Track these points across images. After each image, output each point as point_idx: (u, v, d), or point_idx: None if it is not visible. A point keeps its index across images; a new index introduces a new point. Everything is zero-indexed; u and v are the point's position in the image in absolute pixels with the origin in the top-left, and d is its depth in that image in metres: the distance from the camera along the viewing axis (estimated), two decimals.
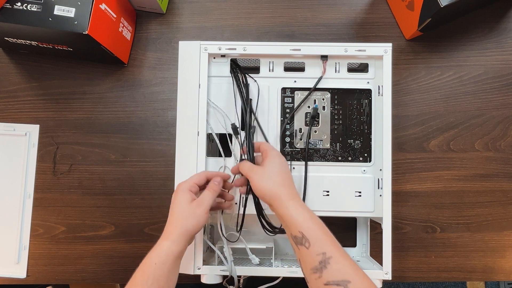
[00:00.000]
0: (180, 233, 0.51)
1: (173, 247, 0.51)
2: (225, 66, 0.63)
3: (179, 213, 0.53)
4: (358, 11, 0.76)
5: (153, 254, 0.51)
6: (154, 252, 0.51)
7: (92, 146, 0.76)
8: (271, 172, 0.54)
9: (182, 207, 0.53)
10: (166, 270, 0.50)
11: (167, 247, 0.51)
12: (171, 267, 0.50)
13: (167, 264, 0.50)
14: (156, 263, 0.50)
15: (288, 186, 0.54)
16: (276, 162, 0.55)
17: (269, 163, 0.55)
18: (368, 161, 0.63)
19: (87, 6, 0.62)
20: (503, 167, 0.74)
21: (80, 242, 0.74)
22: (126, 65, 0.76)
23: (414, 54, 0.75)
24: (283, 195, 0.52)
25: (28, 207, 0.75)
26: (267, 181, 0.53)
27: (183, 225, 0.52)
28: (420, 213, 0.73)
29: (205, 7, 0.77)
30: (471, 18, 0.75)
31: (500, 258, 0.73)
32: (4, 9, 0.62)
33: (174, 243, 0.51)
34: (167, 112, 0.76)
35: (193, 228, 0.52)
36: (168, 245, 0.51)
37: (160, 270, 0.49)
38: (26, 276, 0.74)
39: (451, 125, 0.74)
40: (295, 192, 0.54)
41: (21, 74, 0.77)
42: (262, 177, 0.54)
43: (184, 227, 0.52)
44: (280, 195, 0.52)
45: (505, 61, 0.75)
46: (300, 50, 0.61)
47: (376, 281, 0.59)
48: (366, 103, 0.63)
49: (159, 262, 0.50)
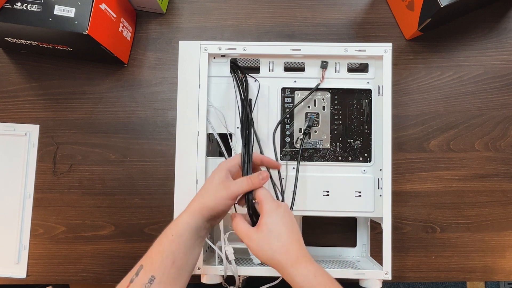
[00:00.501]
0: (196, 207, 0.50)
1: (189, 220, 0.49)
2: (225, 66, 0.63)
3: (204, 189, 0.51)
4: (358, 11, 0.76)
5: (171, 226, 0.49)
6: (172, 224, 0.50)
7: (92, 146, 0.76)
8: (269, 237, 0.48)
9: (209, 184, 0.51)
10: (182, 244, 0.48)
11: (183, 219, 0.49)
12: (188, 240, 0.49)
13: (183, 236, 0.48)
14: (173, 234, 0.48)
15: (291, 249, 0.48)
16: (274, 222, 0.49)
17: (266, 224, 0.49)
18: (368, 161, 0.63)
19: (87, 6, 0.62)
20: (503, 167, 0.74)
21: (80, 242, 0.74)
22: (126, 65, 0.76)
23: (414, 54, 0.75)
24: (285, 263, 0.47)
25: (28, 207, 0.75)
26: (265, 250, 0.48)
27: (201, 201, 0.50)
28: (420, 213, 0.73)
29: (205, 7, 0.77)
30: (471, 18, 0.75)
31: (500, 258, 0.73)
32: (4, 9, 0.62)
33: (190, 216, 0.49)
34: (167, 112, 0.76)
35: (210, 206, 0.49)
36: (184, 218, 0.49)
37: (176, 243, 0.48)
38: (26, 276, 0.74)
39: (451, 125, 0.74)
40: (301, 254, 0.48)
41: (21, 74, 0.77)
42: (259, 245, 0.48)
43: (202, 203, 0.50)
44: (282, 263, 0.47)
45: (505, 61, 0.75)
46: (300, 50, 0.61)
47: (376, 281, 0.59)
48: (366, 103, 0.63)
49: (176, 234, 0.48)
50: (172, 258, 0.48)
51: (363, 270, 0.60)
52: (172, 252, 0.48)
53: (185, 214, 0.50)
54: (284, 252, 0.48)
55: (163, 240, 0.49)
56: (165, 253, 0.48)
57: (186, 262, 0.49)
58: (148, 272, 0.47)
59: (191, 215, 0.49)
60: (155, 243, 0.49)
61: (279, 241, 0.48)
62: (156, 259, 0.48)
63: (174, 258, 0.48)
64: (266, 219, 0.49)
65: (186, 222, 0.49)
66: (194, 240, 0.50)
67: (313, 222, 0.73)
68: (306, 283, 0.46)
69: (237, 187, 0.50)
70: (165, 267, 0.47)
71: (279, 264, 0.47)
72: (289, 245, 0.48)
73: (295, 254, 0.48)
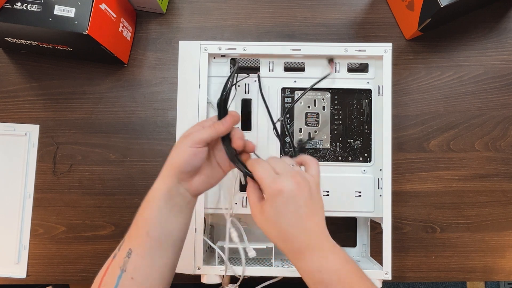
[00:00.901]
0: (164, 170, 0.47)
1: (159, 184, 0.46)
2: (225, 66, 0.63)
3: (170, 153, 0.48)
4: (358, 11, 0.76)
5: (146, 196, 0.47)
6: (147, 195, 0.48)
7: (92, 146, 0.76)
8: (268, 224, 0.44)
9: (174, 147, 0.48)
10: (155, 211, 0.46)
11: (154, 186, 0.47)
12: (161, 208, 0.46)
13: (155, 203, 0.46)
14: (145, 201, 0.47)
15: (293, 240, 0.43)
16: (271, 212, 0.43)
17: (265, 211, 0.44)
18: (368, 161, 0.63)
19: (87, 6, 0.62)
20: (503, 167, 0.74)
21: (80, 242, 0.74)
22: (126, 65, 0.76)
23: (414, 54, 0.75)
24: (287, 253, 0.44)
25: (28, 207, 0.75)
26: (268, 233, 0.45)
27: (168, 160, 0.47)
28: (420, 213, 0.73)
29: (205, 7, 0.77)
30: (471, 18, 0.75)
31: (500, 258, 0.73)
32: (4, 9, 0.62)
33: (160, 180, 0.47)
34: (167, 112, 0.76)
35: (175, 162, 0.46)
36: (155, 184, 0.47)
37: (148, 211, 0.46)
38: (26, 276, 0.74)
39: (451, 125, 0.74)
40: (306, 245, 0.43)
41: (21, 74, 0.77)
42: (261, 225, 0.45)
43: (169, 164, 0.47)
44: (284, 252, 0.44)
45: (505, 61, 0.75)
46: (300, 50, 0.61)
47: (376, 281, 0.60)
48: (366, 103, 0.63)
49: (148, 201, 0.46)
50: (146, 228, 0.45)
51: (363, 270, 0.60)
52: (145, 221, 0.46)
53: (157, 180, 0.47)
54: (285, 241, 0.43)
55: (138, 211, 0.47)
56: (138, 223, 0.46)
57: (163, 232, 0.46)
58: (127, 245, 0.45)
59: (161, 178, 0.47)
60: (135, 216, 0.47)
61: (278, 232, 0.44)
62: (132, 230, 0.46)
63: (148, 228, 0.45)
64: (265, 206, 0.44)
65: (156, 187, 0.46)
66: (169, 207, 0.46)
67: None
68: (309, 280, 0.42)
69: (198, 133, 0.47)
70: (140, 238, 0.45)
71: (283, 252, 0.44)
72: (289, 235, 0.43)
73: (298, 245, 0.43)
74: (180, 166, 0.46)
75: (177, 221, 0.47)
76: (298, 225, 0.43)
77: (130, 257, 0.44)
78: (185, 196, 0.48)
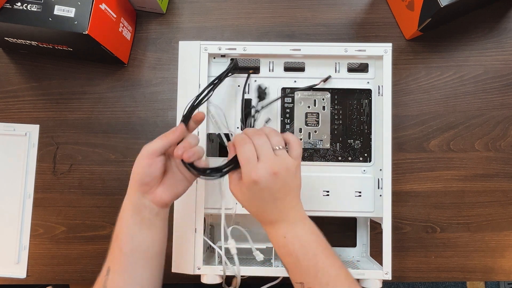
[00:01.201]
0: (129, 185, 0.49)
1: (126, 200, 0.49)
2: (225, 66, 0.63)
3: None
4: (358, 11, 0.76)
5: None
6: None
7: (92, 146, 0.76)
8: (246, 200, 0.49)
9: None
10: (124, 227, 0.48)
11: (123, 203, 0.49)
12: (130, 223, 0.47)
13: (124, 219, 0.48)
14: (118, 218, 0.49)
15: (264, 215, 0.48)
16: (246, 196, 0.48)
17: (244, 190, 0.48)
18: (368, 161, 0.63)
19: (87, 6, 0.62)
20: (503, 167, 0.74)
21: (80, 242, 0.74)
22: (126, 65, 0.76)
23: (414, 54, 0.75)
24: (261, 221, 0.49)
25: (28, 207, 0.75)
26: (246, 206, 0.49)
27: (131, 178, 0.49)
28: (420, 213, 0.73)
29: (205, 7, 0.77)
30: (471, 18, 0.75)
31: (500, 258, 0.73)
32: (4, 9, 0.62)
33: (127, 196, 0.49)
34: (167, 112, 0.76)
35: (134, 175, 0.48)
36: (123, 201, 0.49)
37: (118, 227, 0.48)
38: (26, 276, 0.74)
39: (451, 125, 0.74)
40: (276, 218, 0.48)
41: (21, 74, 0.77)
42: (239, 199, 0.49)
43: (131, 178, 0.49)
44: (258, 220, 0.49)
45: (505, 61, 0.75)
46: (300, 50, 0.61)
47: (376, 281, 0.59)
48: (366, 103, 0.63)
49: (118, 219, 0.49)
50: (118, 245, 0.47)
51: (363, 270, 0.60)
52: (117, 238, 0.47)
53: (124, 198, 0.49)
54: (259, 215, 0.49)
55: (114, 229, 0.48)
56: (113, 241, 0.47)
57: (135, 247, 0.47)
58: (106, 263, 0.47)
59: (127, 195, 0.49)
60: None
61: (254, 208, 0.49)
62: (110, 249, 0.48)
63: (120, 245, 0.47)
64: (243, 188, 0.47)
65: (124, 204, 0.49)
66: (138, 221, 0.48)
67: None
68: (275, 244, 0.48)
69: (152, 143, 0.48)
70: (114, 255, 0.47)
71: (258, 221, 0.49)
72: (263, 211, 0.48)
73: (270, 218, 0.48)
74: (139, 179, 0.48)
75: (148, 234, 0.48)
76: (272, 204, 0.47)
77: (109, 275, 0.46)
78: (151, 208, 0.49)
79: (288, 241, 0.47)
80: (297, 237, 0.47)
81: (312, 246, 0.48)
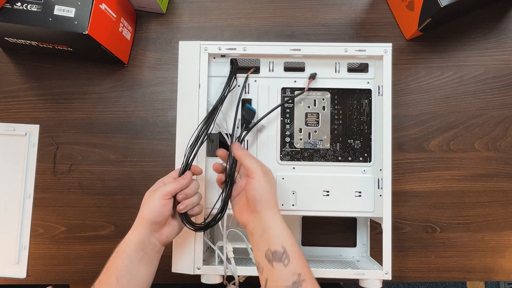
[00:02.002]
0: (137, 222, 0.52)
1: (131, 235, 0.51)
2: (225, 66, 0.63)
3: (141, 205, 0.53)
4: (358, 11, 0.76)
5: (119, 245, 0.52)
6: (120, 243, 0.52)
7: (92, 146, 0.76)
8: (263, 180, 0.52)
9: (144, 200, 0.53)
10: (125, 260, 0.50)
11: (127, 236, 0.51)
12: (132, 257, 0.50)
13: (126, 253, 0.50)
14: (117, 251, 0.51)
15: (276, 200, 0.53)
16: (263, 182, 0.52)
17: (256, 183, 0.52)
18: (368, 161, 0.63)
19: (87, 6, 0.62)
20: (503, 167, 0.74)
21: (80, 242, 0.74)
22: (126, 65, 0.76)
23: (414, 54, 0.75)
24: (275, 206, 0.52)
25: (28, 207, 0.75)
26: (264, 185, 0.51)
27: (140, 213, 0.52)
28: (420, 213, 0.73)
29: (205, 7, 0.77)
30: (471, 18, 0.75)
31: (500, 258, 0.73)
32: (4, 9, 0.62)
33: (133, 231, 0.52)
34: (167, 112, 0.76)
35: (147, 214, 0.51)
36: (128, 235, 0.52)
37: (119, 260, 0.50)
38: (26, 276, 0.74)
39: (451, 125, 0.74)
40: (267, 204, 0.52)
41: (21, 74, 0.77)
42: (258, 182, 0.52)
43: (140, 216, 0.52)
44: (273, 204, 0.51)
45: (505, 61, 0.75)
46: (300, 50, 0.61)
47: (376, 281, 0.60)
48: (366, 103, 0.63)
49: (119, 251, 0.51)
50: (116, 275, 0.49)
51: (363, 270, 0.60)
52: (116, 269, 0.49)
53: (129, 231, 0.52)
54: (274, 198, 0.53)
55: (110, 258, 0.51)
56: (109, 271, 0.50)
57: (132, 279, 0.50)
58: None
59: (134, 230, 0.52)
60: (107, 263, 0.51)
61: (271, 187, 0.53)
62: (102, 277, 0.50)
63: (117, 275, 0.49)
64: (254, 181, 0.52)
65: (129, 238, 0.51)
66: (140, 256, 0.51)
67: (313, 222, 0.73)
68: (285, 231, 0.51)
69: (165, 187, 0.52)
70: (109, 284, 0.49)
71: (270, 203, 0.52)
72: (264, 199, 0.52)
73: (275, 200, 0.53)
74: (153, 217, 0.51)
75: (145, 269, 0.52)
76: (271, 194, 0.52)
77: None
78: (155, 245, 0.52)
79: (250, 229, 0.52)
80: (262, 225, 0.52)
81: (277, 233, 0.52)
